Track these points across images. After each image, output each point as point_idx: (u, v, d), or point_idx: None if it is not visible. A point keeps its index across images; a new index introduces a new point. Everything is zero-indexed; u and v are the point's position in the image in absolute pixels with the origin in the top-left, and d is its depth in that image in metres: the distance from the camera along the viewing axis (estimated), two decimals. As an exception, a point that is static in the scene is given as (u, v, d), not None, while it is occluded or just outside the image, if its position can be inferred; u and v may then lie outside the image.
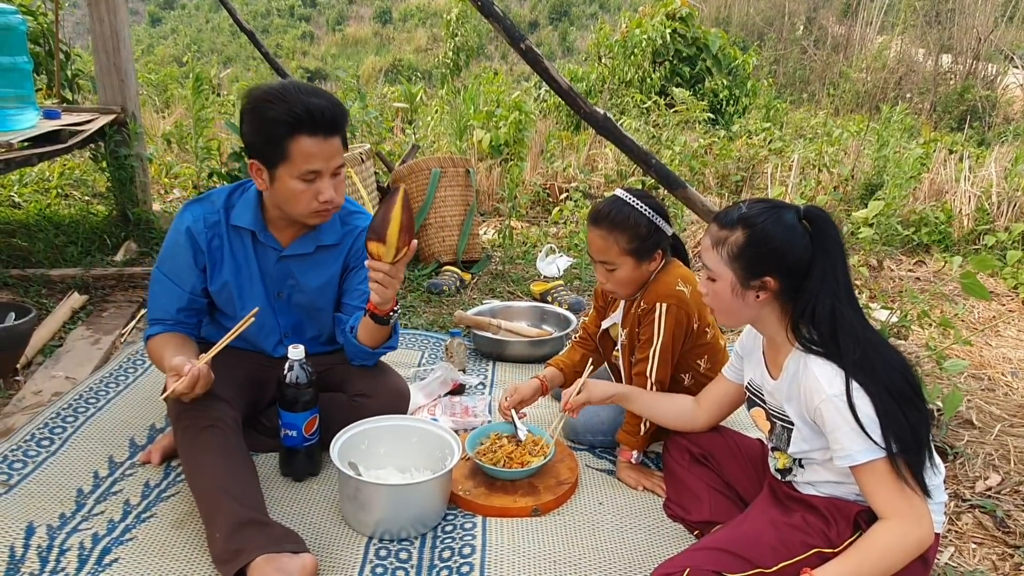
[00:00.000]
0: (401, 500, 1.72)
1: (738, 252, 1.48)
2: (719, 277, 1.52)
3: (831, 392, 1.38)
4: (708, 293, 1.57)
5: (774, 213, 1.48)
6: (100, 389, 2.34)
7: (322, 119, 1.73)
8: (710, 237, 1.54)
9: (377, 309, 1.86)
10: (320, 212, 1.84)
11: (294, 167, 1.77)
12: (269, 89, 1.76)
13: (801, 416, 1.49)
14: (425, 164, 3.80)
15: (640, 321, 1.96)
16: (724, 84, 8.51)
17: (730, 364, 1.82)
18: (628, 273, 1.94)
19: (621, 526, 1.82)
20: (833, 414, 1.38)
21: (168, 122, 6.96)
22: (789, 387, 1.51)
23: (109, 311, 2.97)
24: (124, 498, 1.84)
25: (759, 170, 5.12)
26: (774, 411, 1.59)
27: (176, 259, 1.95)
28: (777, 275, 1.47)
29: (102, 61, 3.60)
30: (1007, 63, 11.23)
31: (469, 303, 3.40)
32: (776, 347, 1.58)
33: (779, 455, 1.61)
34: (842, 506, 1.48)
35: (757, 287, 1.49)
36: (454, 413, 2.28)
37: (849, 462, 1.38)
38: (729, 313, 1.57)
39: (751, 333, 1.73)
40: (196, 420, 1.77)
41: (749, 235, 1.47)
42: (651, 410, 1.92)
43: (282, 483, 1.94)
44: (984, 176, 4.94)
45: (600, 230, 1.92)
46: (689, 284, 1.95)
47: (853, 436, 1.37)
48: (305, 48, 28.06)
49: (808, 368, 1.44)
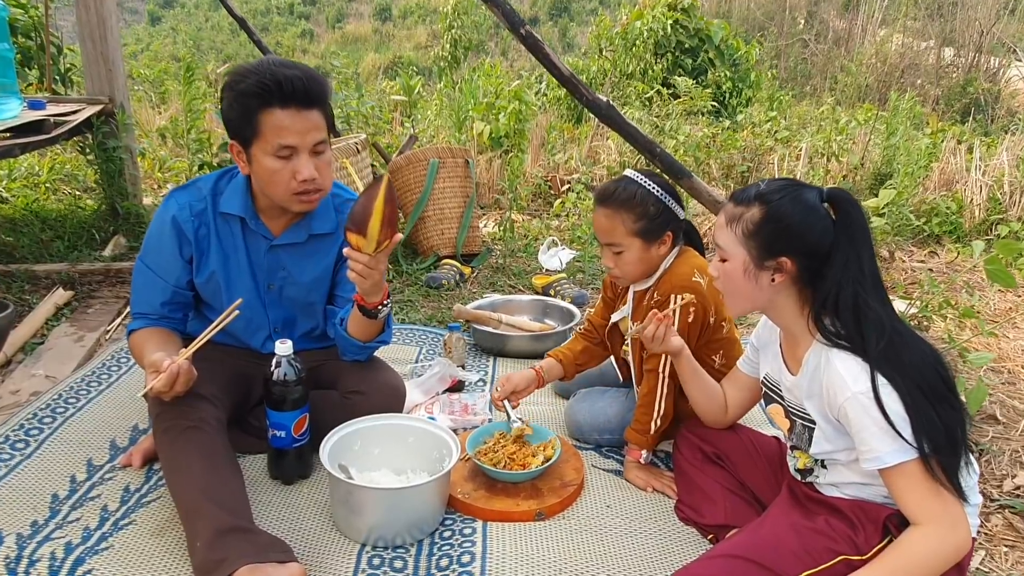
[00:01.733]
0: (395, 504, 1.61)
1: (754, 229, 1.38)
2: (732, 256, 1.42)
3: (856, 389, 1.28)
4: (719, 275, 1.47)
5: (794, 191, 1.38)
6: (81, 388, 2.23)
7: (292, 90, 1.63)
8: (725, 214, 1.44)
9: (364, 301, 1.75)
10: (301, 195, 1.72)
11: (267, 142, 1.66)
12: (245, 65, 1.68)
13: (823, 414, 1.38)
14: (423, 155, 3.69)
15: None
16: (727, 76, 8.39)
17: (745, 357, 1.71)
18: (636, 256, 1.83)
19: (630, 530, 1.72)
20: (859, 413, 1.28)
21: (164, 117, 6.86)
22: (810, 383, 1.40)
23: (95, 307, 2.86)
24: (102, 504, 1.73)
25: (765, 160, 5.01)
26: (793, 408, 1.48)
27: (160, 250, 1.84)
28: (794, 256, 1.37)
29: (89, 50, 3.49)
30: (1010, 56, 11.11)
31: (469, 297, 3.29)
32: (794, 340, 1.47)
33: (799, 454, 1.51)
34: (869, 509, 1.37)
35: (772, 268, 1.39)
36: (453, 411, 2.17)
37: (878, 464, 1.27)
38: (740, 297, 1.45)
39: (767, 324, 1.62)
40: (177, 421, 1.67)
41: (766, 212, 1.37)
42: (695, 379, 1.74)
43: (270, 486, 1.84)
44: (996, 165, 4.82)
45: (606, 209, 1.82)
46: (706, 275, 1.84)
47: (882, 436, 1.26)
48: (305, 46, 27.93)
49: (831, 363, 1.33)
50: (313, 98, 1.67)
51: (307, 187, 1.70)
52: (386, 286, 1.75)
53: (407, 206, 3.76)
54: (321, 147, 1.72)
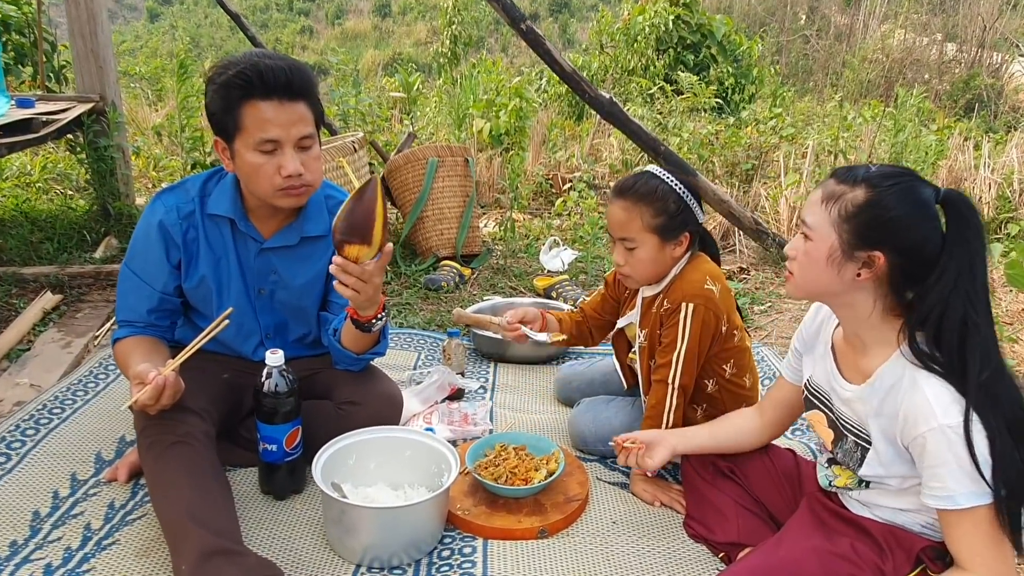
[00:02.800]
0: (391, 524, 1.54)
1: (853, 212, 1.23)
2: (818, 237, 1.27)
3: (944, 421, 1.15)
4: (797, 255, 1.31)
5: (908, 181, 1.22)
6: (66, 398, 2.15)
7: (275, 81, 1.55)
8: (823, 191, 1.28)
9: (358, 315, 1.65)
10: (287, 191, 1.64)
11: (249, 136, 1.58)
12: (228, 57, 1.60)
13: (890, 438, 1.26)
14: (422, 153, 3.60)
15: (662, 322, 1.77)
16: (729, 72, 8.29)
17: (788, 364, 1.60)
18: (650, 254, 1.74)
19: (637, 548, 1.64)
20: (941, 447, 1.16)
21: (160, 115, 6.77)
22: (882, 401, 1.27)
23: (84, 311, 2.78)
24: (85, 522, 1.65)
25: (770, 158, 4.92)
26: (847, 422, 1.35)
27: (147, 255, 1.76)
28: (890, 253, 1.22)
29: (79, 46, 3.41)
30: (1012, 51, 11.02)
31: (469, 300, 3.21)
32: (861, 347, 1.33)
33: (839, 471, 1.40)
34: (902, 537, 1.29)
35: (861, 261, 1.24)
36: (452, 421, 2.09)
37: (948, 504, 1.17)
38: (814, 283, 1.30)
39: (813, 324, 1.50)
40: (162, 436, 1.59)
41: (871, 196, 1.22)
42: (716, 442, 1.67)
43: (262, 501, 1.76)
44: (1005, 163, 4.73)
45: (624, 201, 1.73)
46: (718, 282, 1.76)
47: (960, 476, 1.15)
48: (304, 42, 27.82)
49: (917, 386, 1.20)
50: (297, 90, 1.59)
51: (292, 183, 1.62)
52: (382, 298, 1.67)
53: (405, 206, 3.67)
54: (307, 141, 1.63)
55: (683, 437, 1.68)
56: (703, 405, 1.86)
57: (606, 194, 4.96)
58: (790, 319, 3.13)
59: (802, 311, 3.21)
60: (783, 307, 3.26)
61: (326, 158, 3.18)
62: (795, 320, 3.11)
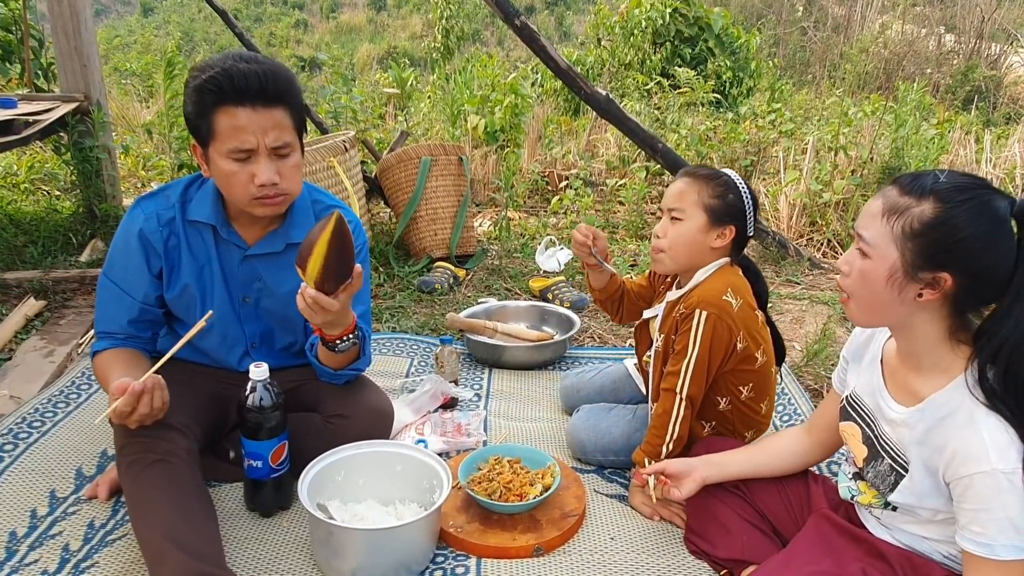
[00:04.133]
0: (381, 545, 1.48)
1: (919, 230, 1.11)
2: (877, 255, 1.15)
3: (999, 466, 1.07)
4: (850, 273, 1.21)
5: (982, 195, 1.10)
6: (47, 410, 2.09)
7: (247, 86, 1.48)
8: (883, 201, 1.16)
9: (322, 333, 1.62)
10: (262, 200, 1.57)
11: (222, 143, 1.52)
12: (206, 59, 1.54)
13: (930, 469, 1.17)
14: (415, 152, 3.53)
15: (677, 327, 1.71)
16: (727, 65, 8.22)
17: (838, 375, 1.51)
18: (691, 232, 1.71)
19: (636, 565, 1.58)
20: (991, 492, 1.08)
21: (151, 112, 6.67)
22: (929, 430, 1.17)
23: (68, 318, 2.71)
24: (63, 543, 1.59)
25: (768, 153, 4.86)
26: (886, 443, 1.26)
27: (126, 263, 1.70)
28: (959, 275, 1.11)
29: (62, 44, 3.33)
30: (1011, 42, 10.94)
31: (463, 302, 3.14)
32: (915, 367, 1.22)
33: (865, 487, 1.32)
34: (920, 564, 1.23)
35: (926, 282, 1.13)
36: (445, 432, 2.03)
37: (984, 553, 1.09)
38: (870, 305, 1.20)
39: (863, 334, 1.40)
40: (142, 454, 1.52)
41: (941, 213, 1.10)
42: (755, 467, 1.58)
43: (247, 519, 1.70)
44: (1007, 157, 4.68)
45: (688, 177, 1.75)
46: (741, 297, 1.70)
47: (1006, 527, 1.07)
48: (299, 36, 27.65)
49: (975, 424, 1.10)
50: (273, 95, 1.51)
51: (267, 192, 1.55)
52: (352, 321, 1.62)
53: (398, 206, 3.60)
54: (285, 149, 1.56)
55: (716, 467, 1.57)
56: (712, 422, 1.81)
57: (603, 192, 4.89)
58: (791, 320, 3.06)
59: (803, 312, 3.14)
60: (783, 308, 3.19)
61: (316, 158, 3.11)
62: (796, 322, 3.04)
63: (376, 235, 3.71)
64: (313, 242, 1.45)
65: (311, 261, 1.46)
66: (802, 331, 2.94)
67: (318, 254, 1.45)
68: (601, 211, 4.66)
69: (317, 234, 1.45)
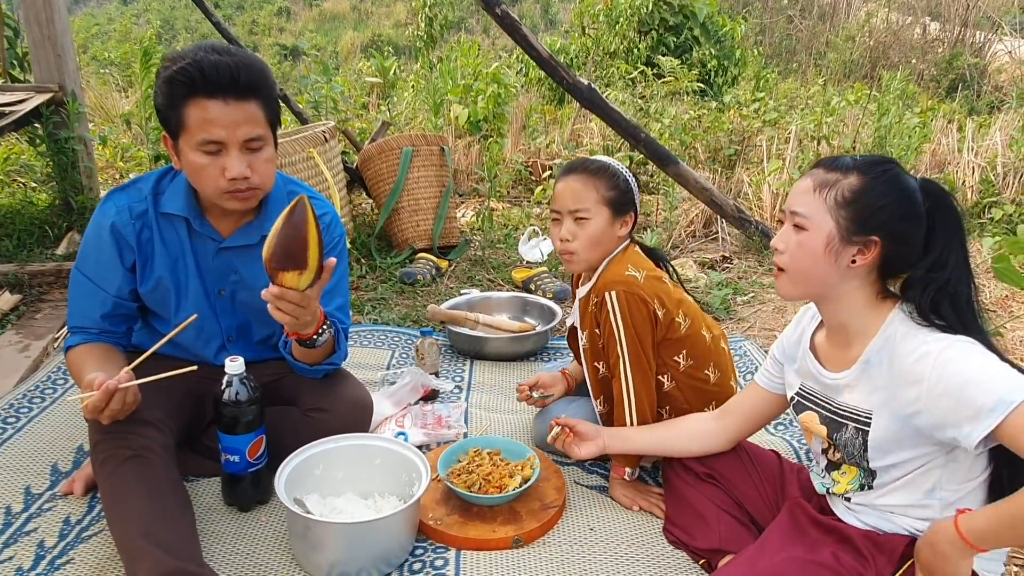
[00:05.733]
0: (359, 538, 1.47)
1: (851, 198, 1.23)
2: (814, 227, 1.25)
3: (948, 343, 1.15)
4: (788, 247, 1.29)
5: (893, 168, 1.26)
6: (22, 405, 2.06)
7: (219, 78, 1.46)
8: (813, 179, 1.27)
9: (297, 335, 1.60)
10: (233, 194, 1.55)
11: (192, 136, 1.50)
12: (178, 50, 1.52)
13: (895, 414, 1.21)
14: (396, 143, 3.51)
15: (596, 320, 1.71)
16: (712, 54, 8.20)
17: (765, 369, 1.56)
18: (600, 229, 1.72)
19: (615, 555, 1.59)
20: (957, 364, 1.12)
21: (130, 102, 6.58)
22: (878, 370, 1.24)
23: (44, 312, 2.68)
24: (38, 539, 1.57)
25: (752, 143, 4.86)
26: (842, 410, 1.31)
27: (99, 257, 1.68)
28: (885, 239, 1.23)
29: (35, 34, 3.26)
30: (995, 30, 10.99)
31: (446, 293, 3.13)
32: (845, 338, 1.32)
33: (838, 476, 1.36)
34: (883, 542, 1.26)
35: (860, 245, 1.24)
36: (425, 424, 2.03)
37: (1003, 411, 1.06)
38: (807, 275, 1.28)
39: (795, 333, 1.47)
40: (117, 450, 1.51)
41: (867, 183, 1.23)
42: (662, 446, 1.66)
43: (225, 513, 1.69)
44: (988, 146, 4.70)
45: (579, 175, 1.74)
46: (641, 268, 1.71)
47: (997, 377, 1.10)
48: (282, 24, 27.31)
49: (911, 334, 1.20)
50: (245, 88, 1.49)
51: (237, 185, 1.53)
52: (321, 312, 1.61)
53: (380, 197, 3.58)
54: (256, 143, 1.54)
55: (619, 439, 1.67)
56: (666, 407, 1.79)
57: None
58: (773, 309, 3.08)
59: (785, 301, 3.16)
60: (766, 297, 3.21)
61: (296, 149, 3.08)
62: (778, 311, 3.06)
63: (358, 226, 3.68)
64: (303, 235, 1.40)
65: (311, 253, 1.41)
66: (783, 320, 2.95)
67: (314, 241, 1.41)
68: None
69: (301, 225, 1.40)
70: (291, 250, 1.40)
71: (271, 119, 1.58)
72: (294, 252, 1.40)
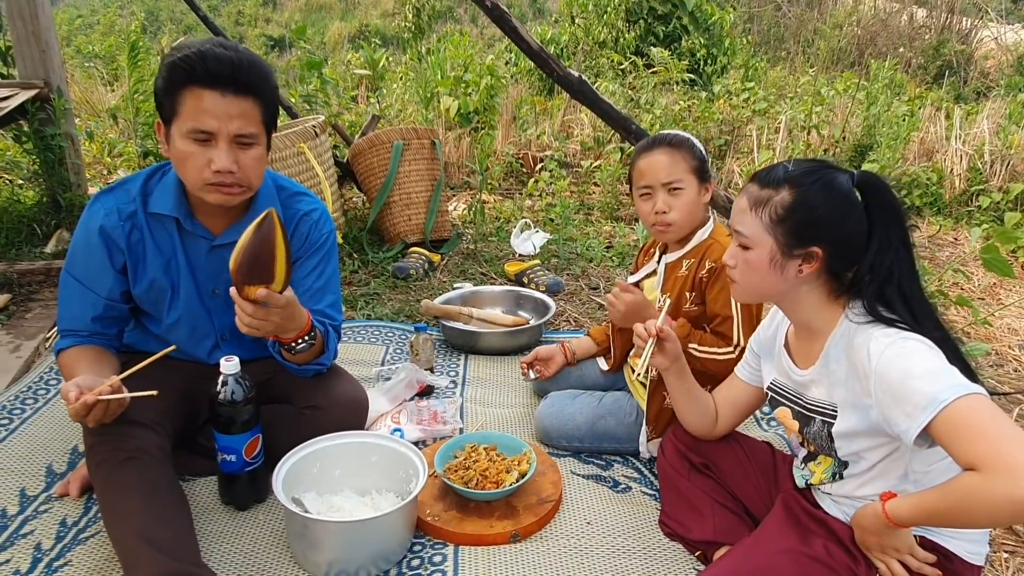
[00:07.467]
0: (357, 537, 1.48)
1: (783, 215, 1.27)
2: (756, 244, 1.30)
3: (892, 340, 1.17)
4: (737, 265, 1.35)
5: (826, 174, 1.28)
6: (15, 407, 2.05)
7: (218, 70, 1.46)
8: (747, 197, 1.32)
9: (279, 339, 1.61)
10: (216, 187, 1.54)
11: (183, 123, 1.50)
12: (187, 40, 1.54)
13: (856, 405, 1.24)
14: (387, 136, 3.49)
15: (706, 284, 1.77)
16: (701, 43, 8.18)
17: (744, 363, 1.58)
18: (692, 198, 1.79)
19: (612, 548, 1.61)
20: (900, 361, 1.14)
21: (115, 96, 6.50)
22: (838, 365, 1.27)
23: (34, 311, 2.66)
24: (35, 541, 1.57)
25: (742, 132, 4.86)
26: (812, 406, 1.35)
27: (88, 260, 1.67)
28: (826, 246, 1.27)
29: (19, 29, 3.22)
30: (981, 16, 11.02)
31: (439, 287, 3.13)
32: (809, 335, 1.36)
33: (814, 467, 1.39)
34: None
35: (801, 257, 1.28)
36: (421, 420, 2.03)
37: (933, 409, 1.06)
38: (758, 287, 1.35)
39: (770, 328, 1.50)
40: (112, 452, 1.50)
41: (797, 197, 1.26)
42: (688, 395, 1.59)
43: (222, 513, 1.69)
44: (976, 134, 4.73)
45: (662, 148, 1.81)
46: None
47: (932, 377, 1.10)
48: (268, 15, 27.00)
49: (864, 331, 1.23)
50: (243, 84, 1.49)
51: (222, 179, 1.52)
52: (307, 322, 1.61)
53: (371, 191, 3.57)
54: (247, 140, 1.54)
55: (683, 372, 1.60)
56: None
57: (578, 173, 4.87)
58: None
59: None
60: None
61: (286, 144, 3.06)
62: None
63: (349, 221, 3.67)
64: (269, 248, 1.42)
65: (278, 266, 1.43)
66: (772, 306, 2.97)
67: (281, 254, 1.42)
68: (576, 192, 4.65)
69: (268, 238, 1.41)
70: (256, 265, 1.42)
71: (267, 121, 1.57)
72: (261, 265, 1.42)
